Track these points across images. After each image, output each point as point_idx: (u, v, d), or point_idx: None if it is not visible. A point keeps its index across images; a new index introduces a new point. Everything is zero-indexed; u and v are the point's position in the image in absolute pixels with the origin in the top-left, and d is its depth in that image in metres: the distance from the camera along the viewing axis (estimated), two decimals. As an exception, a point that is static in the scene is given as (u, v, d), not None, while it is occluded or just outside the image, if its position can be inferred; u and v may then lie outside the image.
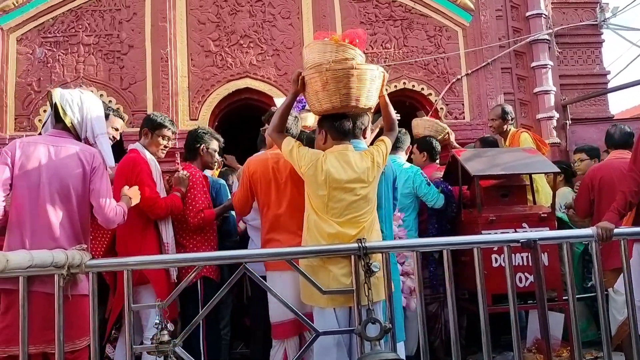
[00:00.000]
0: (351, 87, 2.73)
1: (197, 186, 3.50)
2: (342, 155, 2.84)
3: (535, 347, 3.80)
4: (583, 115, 6.68)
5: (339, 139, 2.90)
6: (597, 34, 6.95)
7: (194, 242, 3.48)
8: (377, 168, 2.88)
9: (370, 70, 2.78)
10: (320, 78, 2.74)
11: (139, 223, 3.23)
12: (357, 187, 2.80)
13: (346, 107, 2.81)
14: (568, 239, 2.91)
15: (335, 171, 2.78)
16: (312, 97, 2.85)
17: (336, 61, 2.72)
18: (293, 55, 5.77)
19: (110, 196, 2.67)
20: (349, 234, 2.73)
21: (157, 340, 2.31)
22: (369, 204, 2.85)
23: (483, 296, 2.66)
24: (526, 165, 4.03)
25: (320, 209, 2.81)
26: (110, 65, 5.59)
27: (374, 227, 2.86)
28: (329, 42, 2.77)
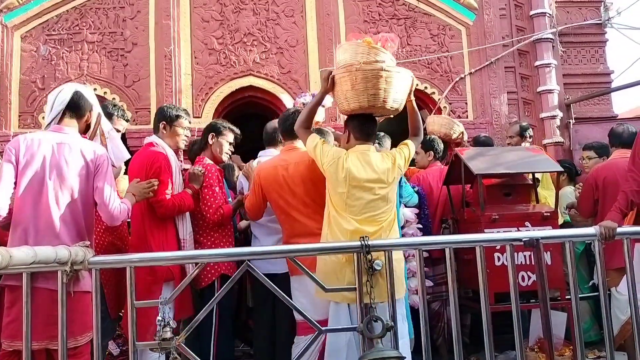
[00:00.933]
0: (379, 89, 2.80)
1: (214, 182, 3.45)
2: (363, 155, 2.91)
3: (537, 346, 3.80)
4: (586, 115, 6.65)
5: (362, 139, 2.98)
6: (601, 33, 6.93)
7: (211, 239, 3.47)
8: (397, 170, 2.95)
9: (398, 74, 2.85)
10: (349, 78, 2.82)
11: (160, 219, 3.23)
12: (376, 186, 2.87)
13: (373, 107, 2.88)
14: (571, 238, 2.90)
15: (355, 170, 2.85)
16: (341, 96, 2.92)
17: (367, 62, 2.79)
18: (297, 54, 5.78)
19: (114, 193, 2.68)
20: (367, 231, 2.76)
21: (160, 337, 2.31)
22: (388, 203, 2.91)
23: (485, 295, 2.66)
24: (529, 164, 4.02)
25: (339, 206, 2.89)
26: (114, 62, 5.60)
27: (393, 226, 2.93)
28: (362, 44, 2.84)
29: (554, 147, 6.14)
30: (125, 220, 3.19)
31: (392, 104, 2.88)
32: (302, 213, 3.16)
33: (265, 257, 3.02)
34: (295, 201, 3.17)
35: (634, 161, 3.19)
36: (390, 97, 2.85)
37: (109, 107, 3.54)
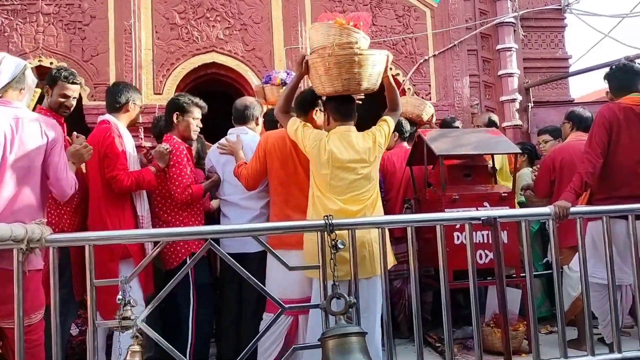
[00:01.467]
0: (354, 72, 2.82)
1: (182, 160, 3.35)
2: (344, 136, 2.97)
3: (493, 322, 3.92)
4: (544, 98, 6.82)
5: (341, 120, 3.03)
6: (560, 19, 7.07)
7: (179, 219, 3.39)
8: (378, 148, 3.02)
9: (372, 56, 2.86)
10: (323, 63, 2.84)
11: (115, 196, 3.17)
12: (358, 166, 2.95)
13: (348, 90, 2.93)
14: (527, 217, 3.01)
15: (337, 151, 2.92)
16: (316, 80, 2.96)
17: (339, 45, 2.81)
18: (261, 31, 5.70)
19: (67, 169, 2.62)
20: (352, 210, 2.88)
21: (120, 316, 2.29)
22: (371, 182, 3.00)
23: (445, 272, 2.74)
24: (489, 145, 4.11)
25: (323, 187, 2.96)
26: (72, 36, 5.41)
27: (377, 204, 3.02)
28: (333, 25, 2.85)
29: (513, 129, 6.28)
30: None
31: (367, 85, 2.92)
32: (300, 189, 3.17)
33: (227, 235, 3.01)
34: (296, 176, 3.20)
35: (591, 144, 3.30)
36: (365, 79, 2.88)
37: (53, 72, 3.24)
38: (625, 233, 3.08)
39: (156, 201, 3.43)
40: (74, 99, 3.23)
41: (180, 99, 3.53)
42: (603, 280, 3.11)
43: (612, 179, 3.31)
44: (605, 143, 3.26)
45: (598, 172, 3.26)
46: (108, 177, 3.11)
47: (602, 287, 3.21)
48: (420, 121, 4.89)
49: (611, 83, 3.48)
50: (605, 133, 3.25)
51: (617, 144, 3.28)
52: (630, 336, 3.81)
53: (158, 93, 5.46)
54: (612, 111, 3.28)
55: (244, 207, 3.49)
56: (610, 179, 3.31)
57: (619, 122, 3.26)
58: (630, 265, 3.07)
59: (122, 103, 3.34)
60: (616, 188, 3.30)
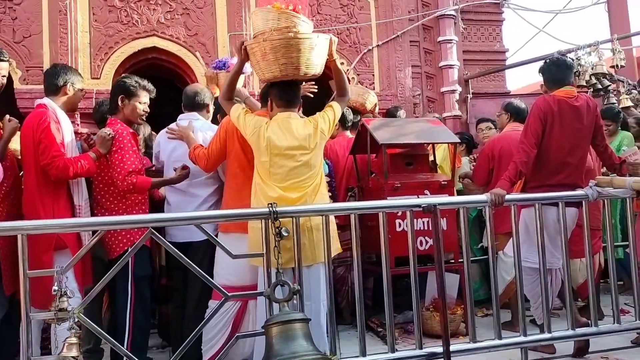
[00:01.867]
0: (291, 57, 2.78)
1: (125, 145, 3.17)
2: (284, 123, 2.92)
3: (432, 306, 4.04)
4: (482, 90, 7.05)
5: (283, 106, 2.99)
6: (498, 13, 7.31)
7: (122, 207, 3.24)
8: (320, 134, 2.97)
9: (309, 39, 2.80)
10: (259, 49, 2.81)
11: (50, 185, 3.02)
12: (297, 153, 2.90)
13: (286, 75, 2.88)
14: (465, 204, 3.12)
15: (276, 138, 2.87)
16: (255, 66, 2.93)
17: (278, 29, 2.76)
18: (204, 16, 5.58)
19: None
20: (291, 198, 2.84)
21: (56, 307, 2.22)
22: (312, 169, 2.95)
23: (386, 258, 2.80)
24: (430, 134, 4.21)
25: (264, 175, 2.91)
26: (1, 15, 5.11)
27: (319, 191, 2.97)
28: (271, 10, 2.79)
29: (453, 120, 6.47)
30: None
31: (306, 70, 2.87)
32: None
33: (170, 223, 2.96)
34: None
35: (526, 134, 3.43)
36: (303, 64, 2.83)
37: None
38: (556, 219, 3.24)
39: (98, 188, 3.29)
40: (3, 77, 3.09)
41: (126, 80, 3.34)
42: (535, 265, 3.26)
43: (545, 168, 3.46)
44: (540, 134, 3.40)
45: (532, 162, 3.40)
46: (43, 164, 2.96)
47: (534, 271, 3.37)
48: (364, 110, 4.95)
49: (545, 76, 3.63)
50: (540, 124, 3.39)
51: (550, 134, 3.42)
52: (559, 317, 4.02)
53: (96, 78, 5.25)
54: (547, 103, 3.42)
55: (191, 194, 3.42)
56: (543, 168, 3.46)
57: (553, 113, 3.41)
58: (560, 250, 3.24)
59: (60, 85, 3.17)
60: (548, 176, 3.45)
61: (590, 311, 3.19)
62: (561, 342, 3.23)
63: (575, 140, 3.45)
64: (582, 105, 3.44)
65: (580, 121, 3.43)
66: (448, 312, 3.19)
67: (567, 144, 3.44)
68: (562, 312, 4.13)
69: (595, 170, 4.15)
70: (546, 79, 3.63)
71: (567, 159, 3.44)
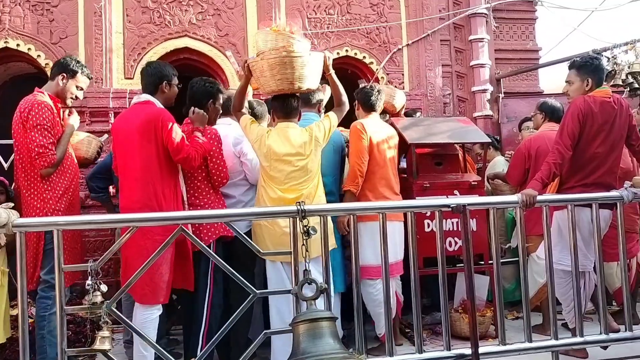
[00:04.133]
0: (285, 73, 3.10)
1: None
2: (283, 132, 3.26)
3: (461, 308, 4.01)
4: (515, 89, 6.93)
5: (282, 117, 3.34)
6: (531, 11, 7.17)
7: (208, 202, 3.32)
8: (315, 142, 3.26)
9: (301, 57, 3.10)
10: (258, 66, 3.16)
11: (172, 178, 3.14)
12: (294, 159, 3.21)
13: (282, 90, 3.20)
14: (495, 204, 3.07)
15: (275, 145, 3.20)
16: (257, 81, 3.28)
17: (275, 49, 3.09)
18: (235, 16, 5.64)
19: None
20: (288, 198, 3.11)
21: (90, 302, 2.28)
22: (308, 173, 3.24)
23: (415, 259, 2.78)
24: (460, 134, 4.17)
25: (266, 178, 3.25)
26: (39, 17, 5.26)
27: (316, 193, 3.25)
28: (270, 32, 3.16)
29: (484, 120, 6.38)
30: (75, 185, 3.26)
31: (300, 84, 3.17)
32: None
33: (200, 221, 3.00)
34: None
35: (562, 135, 3.36)
36: (297, 79, 3.14)
37: (71, 64, 3.33)
38: (589, 221, 3.17)
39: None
40: (81, 90, 3.42)
41: (209, 85, 3.55)
42: (568, 267, 3.20)
43: (580, 169, 3.40)
44: (577, 135, 3.33)
45: (566, 163, 3.35)
46: (179, 158, 3.06)
47: (566, 273, 3.30)
48: (393, 111, 4.92)
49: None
50: (577, 125, 3.32)
51: (588, 135, 3.36)
52: (593, 321, 3.94)
53: (129, 78, 5.36)
54: (587, 104, 3.34)
55: (223, 194, 3.50)
56: (578, 168, 3.40)
57: (593, 114, 3.33)
58: (594, 252, 3.16)
59: (158, 84, 3.26)
60: (583, 177, 3.39)
61: (625, 315, 3.11)
62: (593, 346, 3.16)
63: (611, 140, 3.38)
64: (617, 105, 3.37)
65: (615, 121, 3.37)
66: (477, 314, 3.16)
67: (603, 144, 3.37)
68: (595, 316, 4.05)
69: (635, 171, 4.05)
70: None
71: (602, 160, 3.38)
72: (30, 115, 3.07)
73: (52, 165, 3.07)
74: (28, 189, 3.11)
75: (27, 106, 3.11)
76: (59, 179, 3.17)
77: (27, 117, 3.07)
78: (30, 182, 3.11)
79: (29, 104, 3.12)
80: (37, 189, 3.11)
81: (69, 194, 3.23)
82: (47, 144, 3.06)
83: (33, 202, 3.09)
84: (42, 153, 3.03)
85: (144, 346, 2.84)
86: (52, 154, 3.06)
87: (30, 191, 3.11)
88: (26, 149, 3.09)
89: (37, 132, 3.05)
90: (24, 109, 3.11)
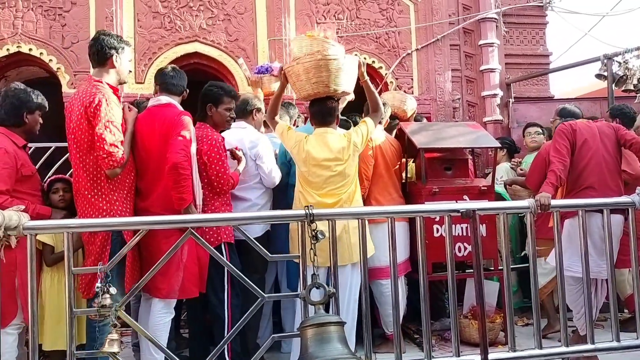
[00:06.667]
0: (320, 76, 3.14)
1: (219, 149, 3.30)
2: (321, 137, 3.30)
3: (471, 314, 3.97)
4: (525, 94, 6.90)
5: (319, 123, 3.38)
6: (542, 16, 7.15)
7: (212, 208, 3.29)
8: (353, 147, 3.30)
9: (335, 60, 3.13)
10: (294, 71, 3.21)
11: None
12: (332, 164, 3.24)
13: (318, 93, 3.23)
14: (505, 210, 3.05)
15: (314, 150, 3.24)
16: (294, 87, 3.34)
17: (310, 54, 3.15)
18: (244, 22, 5.67)
19: None
20: (327, 203, 3.17)
21: (99, 304, 2.28)
22: (345, 178, 3.27)
23: (423, 264, 2.77)
24: (470, 139, 4.15)
25: (304, 183, 3.29)
26: (51, 22, 5.32)
27: (354, 197, 3.30)
28: (305, 38, 3.25)
29: (494, 124, 6.35)
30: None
31: (335, 87, 3.20)
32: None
33: (208, 224, 3.00)
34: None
35: (555, 149, 3.56)
36: (332, 82, 3.17)
37: (116, 40, 3.11)
38: (600, 226, 3.14)
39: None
40: (130, 61, 3.29)
41: (212, 88, 3.46)
42: (578, 274, 3.17)
43: (581, 176, 3.57)
44: (569, 147, 3.55)
45: (568, 168, 3.51)
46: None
47: (576, 280, 3.28)
48: (404, 116, 4.92)
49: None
50: (566, 140, 3.58)
51: (581, 147, 3.58)
52: (604, 328, 3.89)
53: (140, 82, 5.41)
54: (569, 125, 3.66)
55: (240, 198, 3.53)
56: (579, 176, 3.58)
57: (579, 131, 3.62)
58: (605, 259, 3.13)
59: (183, 89, 3.29)
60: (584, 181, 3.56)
61: (637, 323, 3.07)
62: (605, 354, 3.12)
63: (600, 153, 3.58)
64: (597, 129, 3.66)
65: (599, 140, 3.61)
66: (487, 320, 3.13)
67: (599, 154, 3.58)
68: (606, 322, 4.01)
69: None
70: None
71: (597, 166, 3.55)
72: (97, 112, 2.83)
73: (120, 165, 2.87)
74: (92, 190, 2.89)
75: (91, 101, 2.84)
76: (124, 178, 2.98)
77: (95, 113, 2.82)
78: (95, 183, 2.90)
79: (95, 99, 2.84)
80: (103, 190, 2.91)
81: (132, 193, 3.07)
82: (117, 142, 2.86)
83: (99, 204, 2.89)
84: (112, 153, 2.82)
85: (155, 349, 2.84)
86: (121, 152, 2.86)
87: (95, 192, 2.90)
88: (89, 147, 2.87)
89: (107, 130, 2.83)
90: (89, 104, 2.84)
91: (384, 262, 3.50)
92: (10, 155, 2.94)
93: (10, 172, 2.91)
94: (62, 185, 3.33)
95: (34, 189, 3.13)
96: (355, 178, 3.37)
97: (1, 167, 2.88)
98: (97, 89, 2.90)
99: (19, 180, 2.98)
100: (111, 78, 3.05)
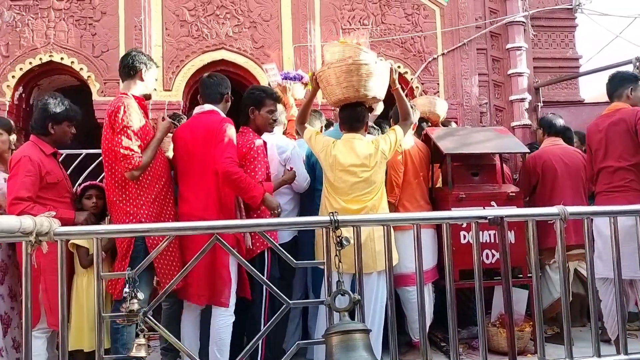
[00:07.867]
0: (351, 80, 3.16)
1: (259, 156, 3.31)
2: (349, 143, 3.31)
3: (499, 322, 3.91)
4: (554, 98, 6.78)
5: (348, 129, 3.39)
6: (571, 18, 7.03)
7: (258, 211, 3.34)
8: (381, 154, 3.28)
9: (366, 65, 3.14)
10: (325, 76, 3.24)
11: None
12: (358, 170, 3.24)
13: (348, 98, 3.24)
14: (534, 216, 2.98)
15: (341, 156, 3.25)
16: (324, 92, 3.37)
17: (342, 59, 3.17)
18: (270, 29, 5.71)
19: None
20: (352, 209, 3.17)
21: (127, 309, 2.31)
22: (371, 185, 3.26)
23: (450, 271, 2.73)
24: (497, 144, 4.09)
25: (329, 188, 3.30)
26: (82, 32, 5.45)
27: (380, 205, 3.29)
28: (337, 44, 3.28)
29: (522, 129, 6.25)
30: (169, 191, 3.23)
31: (365, 92, 3.19)
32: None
33: (233, 230, 3.01)
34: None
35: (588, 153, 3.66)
36: (362, 86, 3.16)
37: (142, 59, 3.27)
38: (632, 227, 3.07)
39: None
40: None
41: (254, 91, 3.54)
42: (609, 275, 3.12)
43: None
44: (590, 152, 3.67)
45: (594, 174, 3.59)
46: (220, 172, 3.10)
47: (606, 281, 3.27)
48: (436, 119, 4.90)
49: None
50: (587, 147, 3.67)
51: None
52: (638, 338, 3.79)
53: (168, 90, 5.49)
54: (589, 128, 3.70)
55: None
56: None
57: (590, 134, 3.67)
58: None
59: (224, 94, 3.42)
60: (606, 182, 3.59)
61: None
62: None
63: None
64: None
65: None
66: (516, 329, 3.07)
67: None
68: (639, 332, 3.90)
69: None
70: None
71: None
72: (116, 118, 2.99)
73: (137, 169, 2.97)
74: (118, 195, 3.03)
75: (113, 109, 3.02)
76: (151, 183, 3.09)
77: (115, 119, 2.99)
78: (121, 188, 3.04)
79: (115, 107, 3.02)
80: (130, 195, 3.03)
81: (161, 198, 3.16)
82: (134, 146, 2.98)
83: (125, 208, 3.02)
84: (126, 155, 2.95)
85: (220, 351, 3.02)
86: (137, 157, 2.97)
87: (121, 196, 3.03)
88: (112, 152, 3.02)
89: (123, 135, 2.97)
90: (110, 112, 3.02)
91: (411, 269, 3.47)
92: (34, 163, 3.06)
93: (33, 180, 3.03)
94: (95, 192, 3.43)
95: (60, 195, 3.22)
96: (382, 187, 3.33)
97: (24, 174, 3.02)
98: (120, 99, 3.07)
99: (44, 188, 3.10)
100: (138, 89, 3.21)
